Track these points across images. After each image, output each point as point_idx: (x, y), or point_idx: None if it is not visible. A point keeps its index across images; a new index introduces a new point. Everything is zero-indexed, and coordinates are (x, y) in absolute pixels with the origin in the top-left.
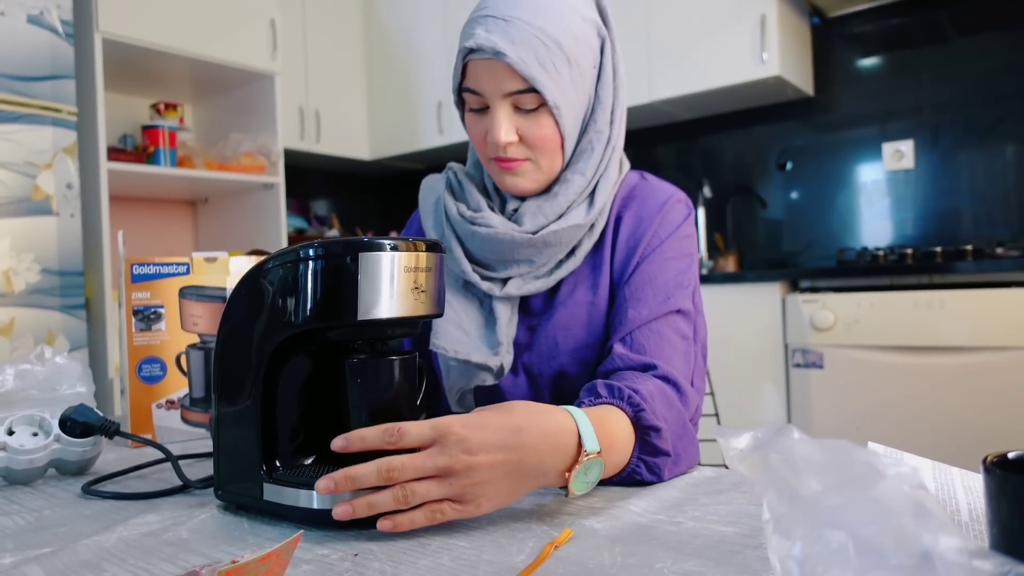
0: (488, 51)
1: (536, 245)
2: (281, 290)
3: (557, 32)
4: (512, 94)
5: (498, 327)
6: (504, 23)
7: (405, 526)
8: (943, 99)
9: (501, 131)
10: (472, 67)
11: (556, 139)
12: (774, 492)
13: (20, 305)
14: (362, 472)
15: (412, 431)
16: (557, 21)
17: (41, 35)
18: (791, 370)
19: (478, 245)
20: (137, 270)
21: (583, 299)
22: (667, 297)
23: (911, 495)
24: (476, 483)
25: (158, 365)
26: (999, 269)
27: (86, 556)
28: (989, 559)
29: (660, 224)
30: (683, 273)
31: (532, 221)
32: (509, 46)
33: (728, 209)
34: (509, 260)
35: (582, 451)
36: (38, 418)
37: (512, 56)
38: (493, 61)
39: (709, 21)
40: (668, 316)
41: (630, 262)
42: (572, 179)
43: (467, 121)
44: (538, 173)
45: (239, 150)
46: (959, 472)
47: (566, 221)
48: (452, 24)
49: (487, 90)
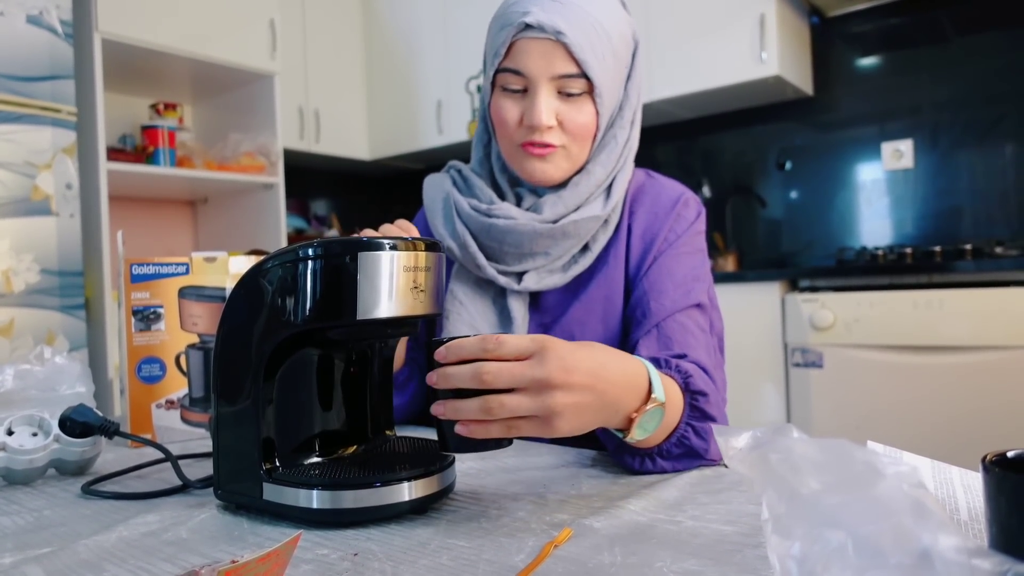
0: (548, 29)
1: (555, 236)
2: (280, 290)
3: (608, 23)
4: (560, 77)
5: (514, 326)
6: (561, 5)
7: (479, 433)
8: (942, 99)
9: (543, 113)
10: (521, 45)
11: (593, 128)
12: (773, 491)
13: (20, 305)
14: (454, 372)
15: (511, 341)
16: (607, 12)
17: (41, 35)
18: (791, 370)
19: (495, 237)
20: (137, 270)
21: (598, 294)
22: (687, 291)
23: (910, 494)
24: (565, 403)
25: (158, 365)
26: (999, 269)
27: (86, 556)
28: (988, 558)
29: (675, 220)
30: (699, 267)
31: (552, 210)
32: (568, 27)
33: (728, 209)
34: (526, 253)
35: (651, 397)
36: (38, 418)
37: (571, 37)
38: (547, 41)
39: (709, 21)
40: (689, 310)
41: (647, 257)
42: (593, 171)
43: (497, 103)
44: (567, 161)
45: (239, 150)
46: (958, 471)
47: (585, 212)
48: (452, 24)
49: (535, 70)
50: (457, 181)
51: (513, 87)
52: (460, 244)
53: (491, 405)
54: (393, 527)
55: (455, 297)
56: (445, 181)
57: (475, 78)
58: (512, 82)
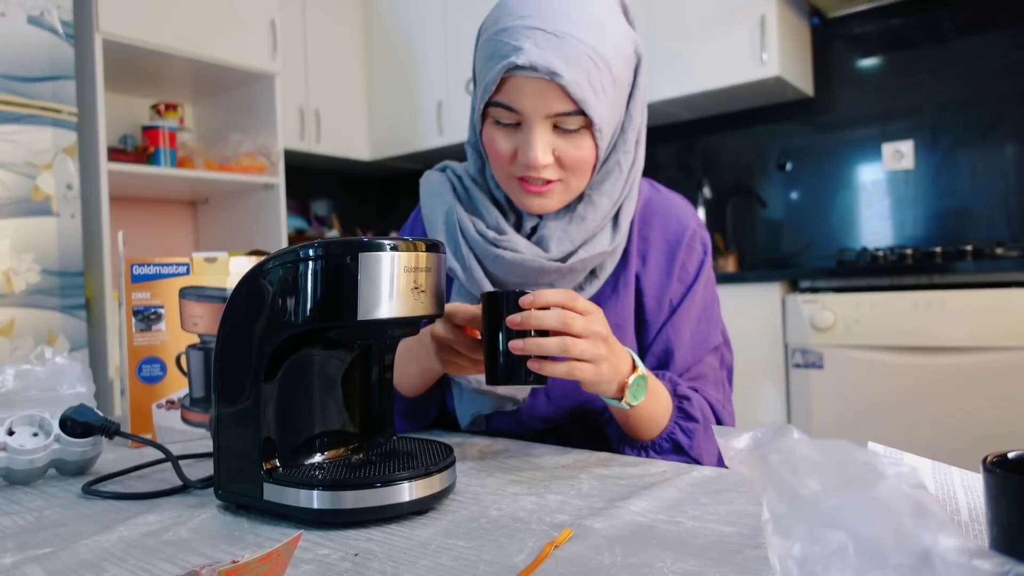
0: (542, 71)
1: (562, 272)
2: (281, 290)
3: (606, 50)
4: (556, 115)
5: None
6: (557, 39)
7: (548, 370)
8: (943, 99)
9: (539, 152)
10: (513, 83)
11: (592, 161)
12: (774, 492)
13: (20, 305)
14: (545, 315)
15: (582, 302)
16: (606, 38)
17: (41, 36)
18: (791, 370)
19: (501, 268)
20: (137, 270)
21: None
22: (704, 338)
23: (911, 495)
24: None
25: (158, 365)
26: (999, 269)
27: (86, 556)
28: (989, 559)
29: (687, 255)
30: (712, 307)
31: (558, 247)
32: (564, 67)
33: (728, 209)
34: (531, 284)
35: (635, 368)
36: (38, 418)
37: (567, 78)
38: (542, 81)
39: (709, 21)
40: (704, 358)
41: (663, 300)
42: (599, 202)
43: (490, 135)
44: (565, 194)
45: (239, 150)
46: (959, 472)
47: (593, 248)
48: (452, 24)
49: (529, 109)
50: (459, 191)
51: (505, 121)
52: (465, 268)
53: (568, 344)
54: (393, 527)
55: None
56: (444, 190)
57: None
58: (504, 117)
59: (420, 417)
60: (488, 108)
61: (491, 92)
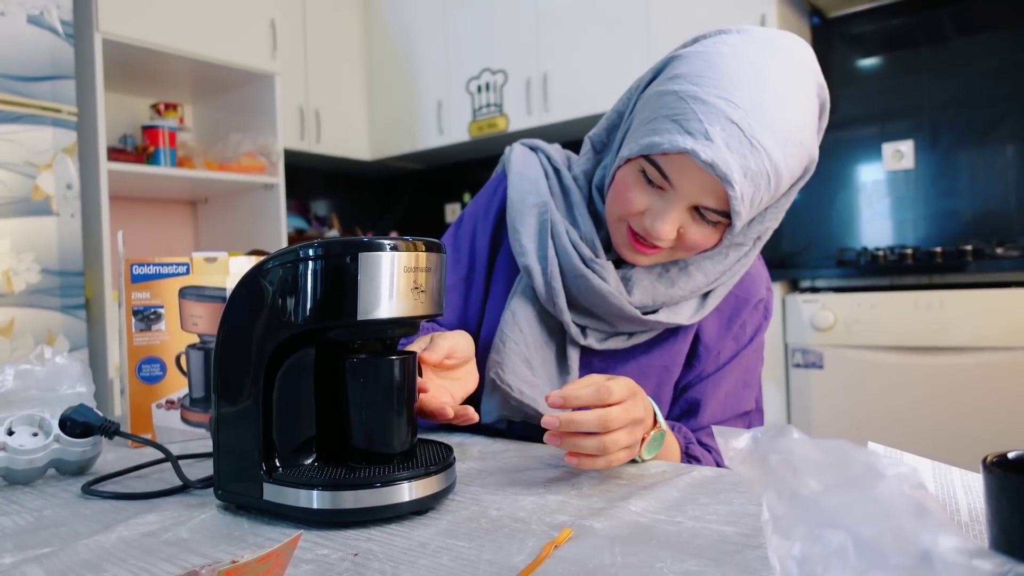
0: (719, 174)
1: (637, 323)
2: (281, 290)
3: (784, 170)
4: (704, 208)
5: (570, 378)
6: (749, 148)
7: (587, 466)
8: (943, 99)
9: (667, 229)
10: (682, 159)
11: (709, 247)
12: (774, 492)
13: (20, 305)
14: (583, 418)
15: (616, 390)
16: (792, 157)
17: (41, 35)
18: (791, 370)
19: (582, 290)
20: (137, 270)
21: (657, 362)
22: (738, 400)
23: (911, 495)
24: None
25: (158, 365)
26: (999, 270)
27: (86, 556)
28: (989, 559)
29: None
30: (753, 373)
31: (641, 297)
32: (740, 180)
33: None
34: (600, 316)
35: (656, 424)
36: (38, 418)
37: (737, 192)
38: (711, 177)
39: (709, 21)
40: (732, 419)
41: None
42: (695, 275)
43: (626, 181)
44: (666, 258)
45: (239, 150)
46: (959, 472)
47: (673, 316)
48: (452, 24)
49: (683, 190)
50: (552, 185)
51: (651, 179)
52: (546, 277)
53: (607, 443)
54: (393, 527)
55: (516, 322)
56: (540, 178)
57: (475, 78)
58: (653, 177)
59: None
60: (641, 159)
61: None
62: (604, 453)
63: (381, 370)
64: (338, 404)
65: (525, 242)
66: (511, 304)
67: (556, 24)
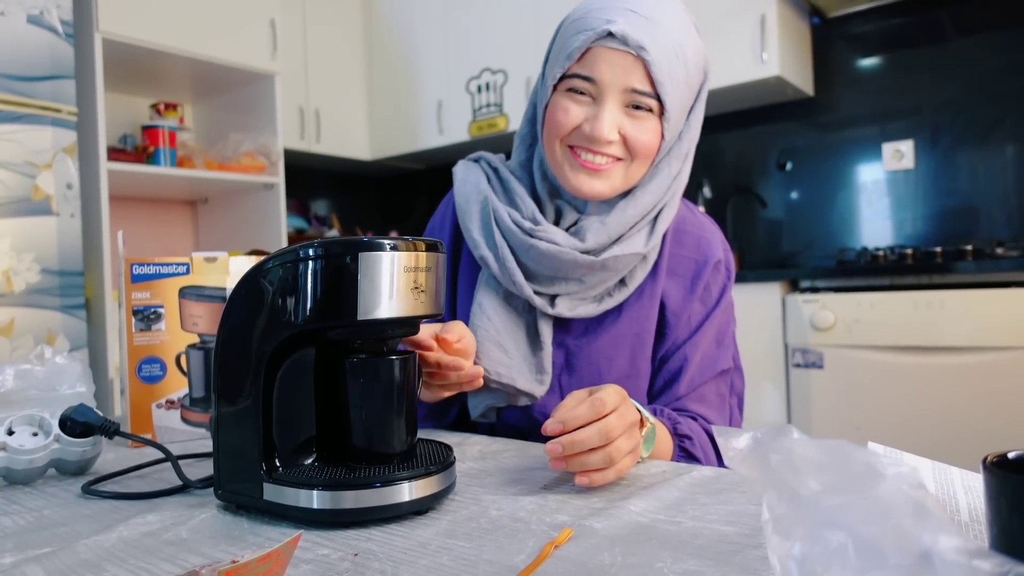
0: (632, 44)
1: (593, 267)
2: (281, 290)
3: (688, 50)
4: (632, 91)
5: (543, 353)
6: (649, 23)
7: (598, 482)
8: (943, 99)
9: (606, 125)
10: (598, 52)
11: (655, 147)
12: (774, 492)
13: (20, 305)
14: (586, 436)
15: (609, 401)
16: (689, 39)
17: (41, 35)
18: (791, 370)
19: (535, 259)
20: (137, 270)
21: (628, 330)
22: (713, 360)
23: (911, 495)
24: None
25: (158, 365)
26: (999, 269)
27: (86, 556)
28: (989, 559)
29: (713, 277)
30: (726, 332)
31: (595, 237)
32: (651, 44)
33: (728, 209)
34: (561, 277)
35: (644, 421)
36: (38, 418)
37: (653, 56)
38: (628, 55)
39: (709, 21)
40: (711, 380)
41: (682, 315)
42: (641, 198)
43: (558, 102)
44: (622, 178)
45: (239, 150)
46: (959, 472)
47: (627, 247)
48: (452, 24)
49: (608, 80)
50: (493, 182)
51: (580, 90)
52: (499, 259)
53: (612, 453)
54: (393, 527)
55: (483, 311)
56: (480, 179)
57: (475, 78)
58: (580, 87)
59: (440, 417)
60: (564, 80)
61: (574, 61)
62: (611, 463)
63: (381, 370)
64: (338, 404)
65: (475, 235)
66: (477, 296)
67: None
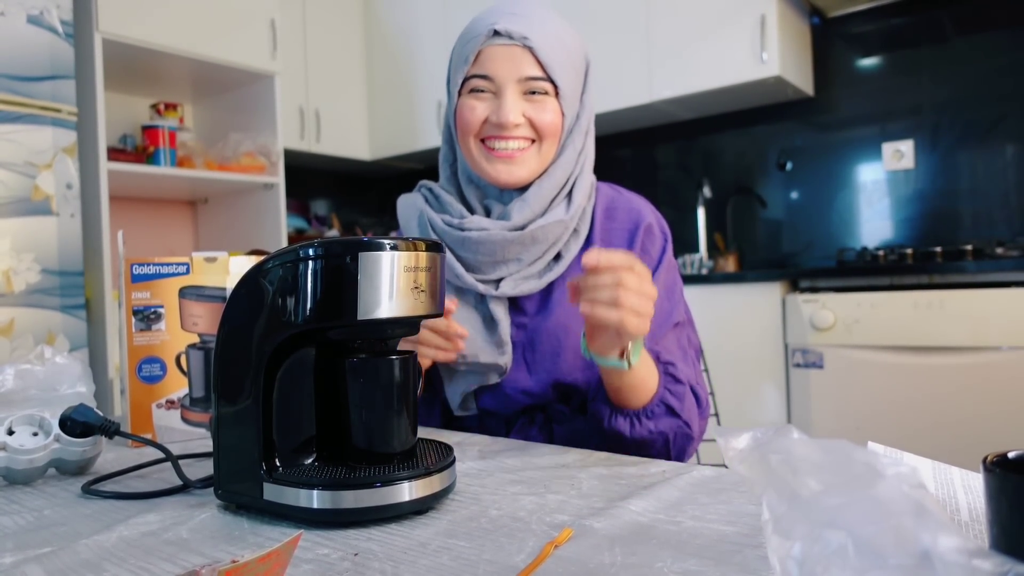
0: (516, 36)
1: (524, 242)
2: (281, 290)
3: (567, 38)
4: (527, 79)
5: (500, 328)
6: (525, 19)
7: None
8: (943, 99)
9: (510, 110)
10: (489, 52)
11: (559, 125)
12: (773, 492)
13: (20, 305)
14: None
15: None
16: (565, 29)
17: (41, 35)
18: (791, 370)
19: (470, 248)
20: (137, 270)
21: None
22: (668, 313)
23: (911, 495)
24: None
25: (158, 365)
26: (999, 269)
27: (86, 556)
28: (989, 559)
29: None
30: (675, 291)
31: (519, 215)
32: (533, 35)
33: (728, 209)
34: (499, 260)
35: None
36: (38, 418)
37: (537, 42)
38: (515, 47)
39: (709, 21)
40: (670, 332)
41: None
42: (554, 173)
43: (464, 104)
44: (537, 160)
45: (239, 150)
46: (959, 472)
47: (550, 217)
48: (452, 24)
49: (502, 74)
50: (428, 199)
51: (481, 88)
52: None
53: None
54: (393, 527)
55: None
56: (417, 199)
57: None
58: (481, 86)
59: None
60: (465, 84)
61: (469, 64)
62: (615, 304)
63: (381, 370)
64: (338, 404)
65: None
66: None
67: None
